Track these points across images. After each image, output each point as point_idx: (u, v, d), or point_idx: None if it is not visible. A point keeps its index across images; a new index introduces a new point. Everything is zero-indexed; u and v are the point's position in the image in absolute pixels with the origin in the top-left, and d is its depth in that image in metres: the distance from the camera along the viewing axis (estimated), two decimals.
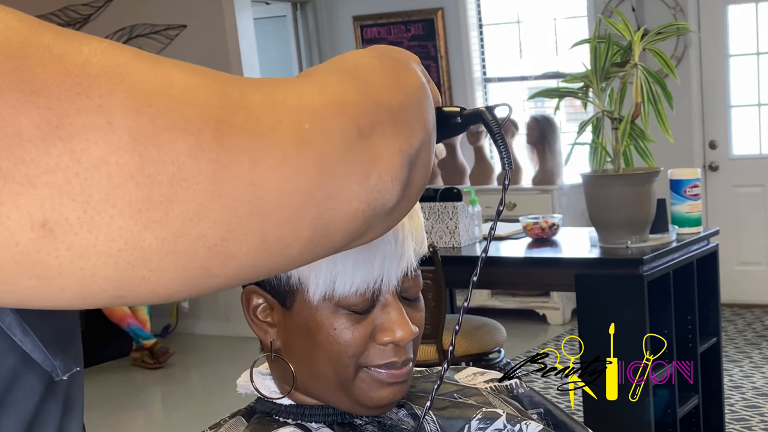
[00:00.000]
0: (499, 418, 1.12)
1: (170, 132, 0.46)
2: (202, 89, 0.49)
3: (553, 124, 5.61)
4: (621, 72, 3.03)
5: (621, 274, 3.08)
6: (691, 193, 3.37)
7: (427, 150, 0.61)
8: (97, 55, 0.45)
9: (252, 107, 0.50)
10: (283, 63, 7.06)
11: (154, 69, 0.47)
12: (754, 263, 5.87)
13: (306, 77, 0.58)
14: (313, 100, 0.53)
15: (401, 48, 0.74)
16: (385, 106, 0.58)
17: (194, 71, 0.50)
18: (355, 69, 0.61)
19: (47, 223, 0.43)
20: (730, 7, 5.67)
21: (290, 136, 0.50)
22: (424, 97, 0.63)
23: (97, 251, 0.45)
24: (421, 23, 6.43)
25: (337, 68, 0.61)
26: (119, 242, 0.45)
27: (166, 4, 5.80)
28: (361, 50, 0.68)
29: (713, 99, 5.80)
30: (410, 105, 0.61)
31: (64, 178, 0.43)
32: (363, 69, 0.61)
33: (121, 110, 0.45)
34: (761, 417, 4.10)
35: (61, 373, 0.56)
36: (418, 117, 0.61)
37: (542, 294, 5.87)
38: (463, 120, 0.80)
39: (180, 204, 0.46)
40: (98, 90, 0.44)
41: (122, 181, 0.44)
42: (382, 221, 0.58)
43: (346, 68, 0.61)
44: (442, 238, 3.72)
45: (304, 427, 1.06)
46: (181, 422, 4.69)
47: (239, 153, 0.48)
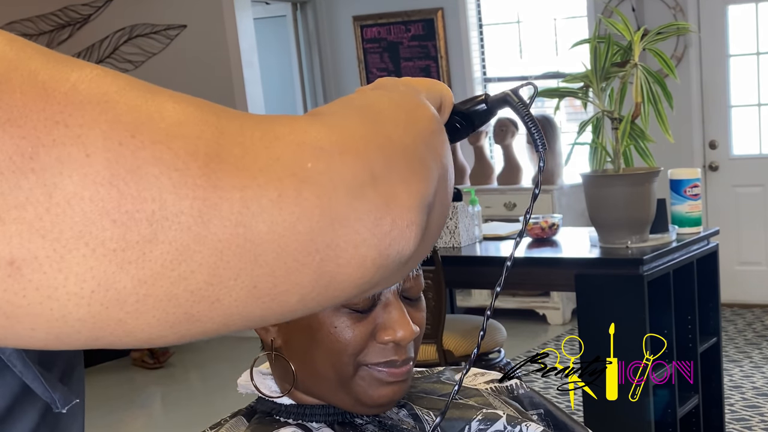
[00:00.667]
0: (499, 420, 1.12)
1: (153, 166, 0.42)
2: (195, 121, 0.45)
3: (553, 124, 5.61)
4: (621, 72, 3.03)
5: (621, 274, 3.08)
6: (691, 193, 3.37)
7: (444, 188, 0.56)
8: (85, 82, 0.43)
9: (249, 142, 0.46)
10: (283, 63, 7.06)
11: (145, 99, 0.44)
12: (754, 263, 5.87)
13: (313, 115, 0.53)
14: (320, 137, 0.48)
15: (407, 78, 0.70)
16: (399, 144, 0.53)
17: (191, 103, 0.46)
18: (365, 105, 0.57)
19: (15, 261, 0.41)
20: (730, 7, 5.67)
21: (289, 174, 0.46)
22: (438, 130, 0.59)
23: (67, 292, 0.42)
24: (421, 23, 6.43)
25: (345, 105, 0.56)
26: (91, 283, 0.42)
27: (166, 4, 5.80)
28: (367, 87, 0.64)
29: (713, 99, 5.80)
30: (425, 141, 0.56)
31: (35, 213, 0.40)
32: (373, 105, 0.57)
33: (102, 141, 0.42)
34: (761, 417, 4.10)
35: (60, 405, 0.54)
36: (434, 153, 0.56)
37: (542, 294, 5.86)
38: (489, 107, 0.78)
39: (159, 244, 0.43)
40: (80, 119, 0.42)
41: (96, 218, 0.41)
42: (398, 270, 0.52)
43: (355, 104, 0.57)
44: (442, 238, 3.72)
45: (305, 427, 1.06)
46: (181, 422, 4.69)
47: (229, 191, 0.44)
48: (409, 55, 6.51)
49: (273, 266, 0.46)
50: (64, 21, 6.03)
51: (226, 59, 5.64)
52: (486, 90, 6.54)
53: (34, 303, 0.42)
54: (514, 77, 6.45)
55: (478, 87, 6.47)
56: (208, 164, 0.44)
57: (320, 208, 0.47)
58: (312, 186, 0.47)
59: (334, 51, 6.81)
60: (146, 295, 0.43)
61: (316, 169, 0.47)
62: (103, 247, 0.42)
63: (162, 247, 0.43)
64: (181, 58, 5.72)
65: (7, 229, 0.40)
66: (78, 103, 0.42)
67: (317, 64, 6.87)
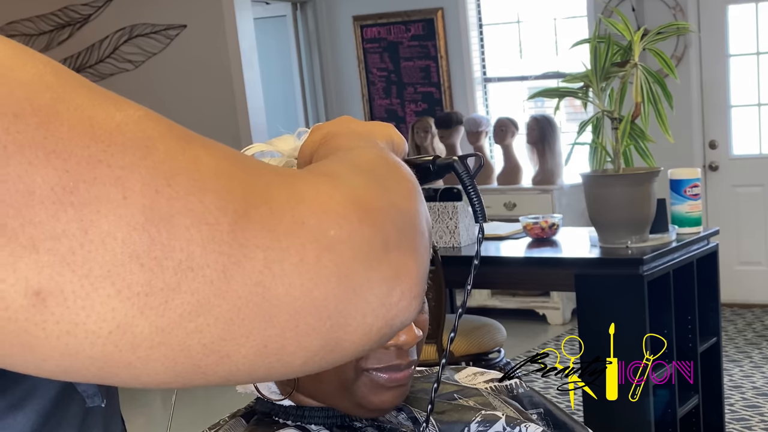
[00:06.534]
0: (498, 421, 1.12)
1: (185, 217, 0.43)
2: (226, 175, 0.45)
3: (553, 124, 5.61)
4: (621, 72, 3.03)
5: (621, 274, 3.08)
6: (691, 193, 3.37)
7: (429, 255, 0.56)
8: (130, 124, 0.43)
9: (275, 202, 0.46)
10: (283, 63, 7.06)
11: (182, 148, 0.45)
12: (754, 263, 5.87)
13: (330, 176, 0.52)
14: (344, 204, 0.49)
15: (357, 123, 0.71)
16: (407, 214, 0.54)
17: (223, 155, 0.47)
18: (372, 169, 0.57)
19: (41, 292, 0.41)
20: (730, 7, 5.67)
21: (312, 240, 0.47)
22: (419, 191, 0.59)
23: (86, 329, 0.42)
24: (421, 23, 6.43)
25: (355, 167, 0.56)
26: (111, 324, 0.42)
27: (166, 3, 5.79)
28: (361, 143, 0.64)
29: (713, 99, 5.80)
30: (419, 208, 0.56)
31: (69, 247, 0.41)
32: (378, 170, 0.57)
33: (140, 186, 0.42)
34: (761, 417, 4.10)
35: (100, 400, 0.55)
36: (427, 219, 0.57)
37: (542, 294, 5.86)
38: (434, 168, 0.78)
39: (182, 294, 0.43)
40: (122, 161, 0.42)
41: (126, 260, 0.42)
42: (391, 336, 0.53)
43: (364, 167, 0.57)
44: (442, 238, 3.72)
45: (304, 428, 1.06)
46: (181, 422, 4.69)
47: (253, 250, 0.45)
48: (409, 55, 6.51)
49: (285, 328, 0.46)
50: (64, 21, 6.03)
51: (226, 59, 5.64)
52: (486, 90, 6.54)
53: (51, 336, 0.42)
54: (514, 77, 6.45)
55: (478, 87, 6.47)
56: (237, 221, 0.44)
57: (338, 276, 0.47)
58: (332, 254, 0.47)
59: (334, 51, 6.81)
60: (161, 342, 0.44)
61: (337, 238, 0.47)
62: (129, 290, 0.42)
63: (184, 297, 0.43)
64: (181, 58, 5.72)
65: (40, 259, 0.41)
66: (121, 144, 0.43)
67: (317, 64, 6.87)
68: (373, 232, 0.49)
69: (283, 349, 0.47)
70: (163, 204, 0.43)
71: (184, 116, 5.66)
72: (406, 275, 0.51)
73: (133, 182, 0.42)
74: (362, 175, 0.54)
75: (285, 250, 0.46)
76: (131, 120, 0.44)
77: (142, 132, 0.44)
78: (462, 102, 6.42)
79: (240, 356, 0.46)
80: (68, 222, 0.41)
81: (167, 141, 0.44)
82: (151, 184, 0.43)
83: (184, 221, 0.43)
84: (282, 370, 0.49)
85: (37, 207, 0.40)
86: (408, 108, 6.59)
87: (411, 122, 6.33)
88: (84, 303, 0.42)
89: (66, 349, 0.42)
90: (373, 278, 0.49)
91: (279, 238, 0.46)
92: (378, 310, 0.49)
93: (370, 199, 0.51)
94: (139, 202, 0.42)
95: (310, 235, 0.47)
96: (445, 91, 6.44)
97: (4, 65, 0.42)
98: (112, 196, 0.42)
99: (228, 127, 5.62)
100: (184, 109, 5.67)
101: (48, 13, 6.04)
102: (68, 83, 0.43)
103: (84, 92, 0.43)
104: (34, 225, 0.40)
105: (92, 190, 0.41)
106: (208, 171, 0.45)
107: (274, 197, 0.47)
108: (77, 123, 0.42)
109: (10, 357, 0.43)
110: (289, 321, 0.46)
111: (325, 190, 0.49)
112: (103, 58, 5.95)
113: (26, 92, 0.42)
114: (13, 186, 0.40)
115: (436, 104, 6.49)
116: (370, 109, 6.71)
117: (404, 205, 0.54)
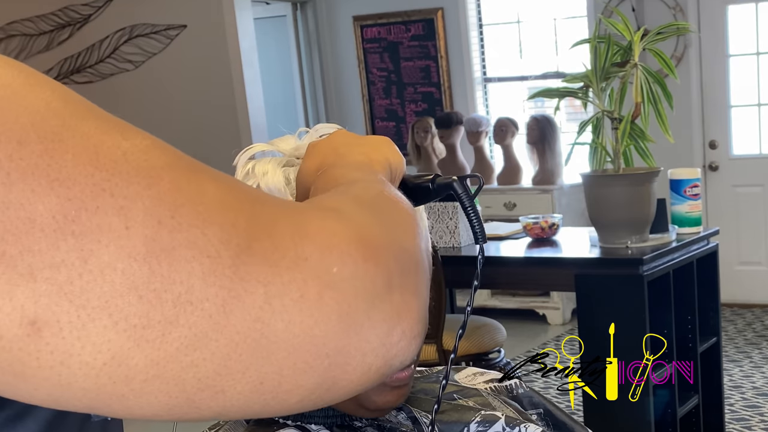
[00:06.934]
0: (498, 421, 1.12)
1: (187, 249, 0.42)
2: (231, 207, 0.45)
3: (553, 124, 5.61)
4: (621, 72, 3.03)
5: (621, 274, 3.08)
6: (691, 193, 3.37)
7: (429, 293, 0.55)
8: (136, 153, 0.43)
9: (279, 237, 0.46)
10: (283, 63, 7.06)
11: (188, 179, 0.44)
12: (754, 263, 5.87)
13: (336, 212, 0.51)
14: (348, 242, 0.48)
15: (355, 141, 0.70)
16: (409, 252, 0.53)
17: (229, 187, 0.46)
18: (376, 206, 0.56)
19: (37, 321, 0.40)
20: (730, 7, 5.67)
21: (314, 277, 0.46)
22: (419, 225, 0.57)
23: (80, 360, 0.42)
24: (421, 23, 6.43)
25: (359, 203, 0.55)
26: (106, 355, 0.42)
27: (167, 4, 5.79)
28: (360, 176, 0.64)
29: (713, 99, 5.80)
30: (420, 245, 0.55)
31: (67, 276, 0.40)
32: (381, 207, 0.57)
33: (142, 216, 0.42)
34: (761, 417, 4.10)
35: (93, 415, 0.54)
36: (429, 255, 0.56)
37: (542, 294, 5.86)
38: (433, 188, 0.76)
39: (179, 327, 0.42)
40: (125, 190, 0.42)
41: (125, 292, 0.41)
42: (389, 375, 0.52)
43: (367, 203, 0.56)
44: (442, 237, 3.72)
45: (304, 428, 1.06)
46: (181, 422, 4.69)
47: (254, 284, 0.44)
48: (409, 55, 6.51)
49: (282, 365, 0.46)
50: (64, 21, 6.03)
51: (226, 59, 5.64)
52: (486, 90, 6.54)
53: (45, 366, 0.41)
54: (514, 77, 6.45)
55: (478, 87, 6.47)
56: (239, 255, 0.44)
57: (339, 314, 0.46)
58: (334, 292, 0.46)
59: (334, 51, 6.81)
60: (155, 376, 0.43)
61: (340, 275, 0.47)
62: (126, 321, 0.41)
63: (181, 331, 0.43)
64: (181, 58, 5.72)
65: (38, 288, 0.40)
66: (125, 173, 0.42)
67: (317, 64, 6.87)
68: (377, 270, 0.48)
69: (279, 387, 0.46)
70: (165, 235, 0.42)
71: (184, 116, 5.66)
72: (407, 315, 0.50)
73: (136, 212, 0.42)
74: (366, 212, 0.53)
75: (286, 285, 0.45)
76: (138, 149, 0.43)
77: (148, 162, 0.43)
78: (462, 102, 6.42)
79: (235, 392, 0.45)
80: (68, 251, 0.40)
81: (173, 171, 0.44)
82: (154, 214, 0.42)
83: (186, 254, 0.42)
84: (277, 407, 0.48)
85: (37, 235, 0.40)
86: (408, 108, 6.59)
87: (411, 122, 6.33)
88: (80, 334, 0.41)
89: (59, 380, 0.42)
90: (375, 317, 0.48)
91: (281, 273, 0.45)
92: (378, 350, 0.49)
93: (374, 236, 0.50)
94: (141, 232, 0.42)
95: (312, 271, 0.46)
96: (445, 91, 6.44)
97: (12, 90, 0.42)
98: (114, 225, 0.41)
99: (228, 127, 5.62)
100: (184, 109, 5.67)
101: (48, 13, 6.04)
102: (76, 110, 0.43)
103: (92, 120, 0.43)
104: (33, 253, 0.40)
105: (94, 219, 0.41)
106: (213, 203, 0.44)
107: (278, 231, 0.46)
108: (82, 151, 0.42)
109: (1, 384, 0.42)
110: (287, 358, 0.46)
111: (330, 226, 0.48)
112: (103, 58, 5.95)
113: (32, 119, 0.41)
114: (14, 213, 0.40)
115: (436, 104, 6.49)
116: (370, 109, 6.71)
117: (407, 243, 0.53)
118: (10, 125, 0.41)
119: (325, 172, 0.69)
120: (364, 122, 6.69)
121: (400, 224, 0.55)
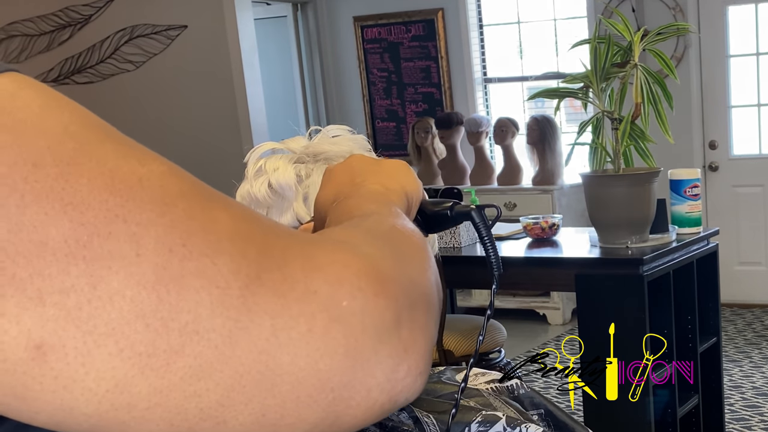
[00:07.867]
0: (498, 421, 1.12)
1: (196, 278, 0.42)
2: (242, 237, 0.45)
3: (554, 125, 5.61)
4: (621, 72, 3.03)
5: (621, 274, 3.08)
6: (691, 193, 3.37)
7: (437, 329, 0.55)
8: (152, 179, 0.43)
9: (289, 268, 0.45)
10: (284, 63, 7.06)
11: (202, 206, 0.44)
12: (754, 263, 5.87)
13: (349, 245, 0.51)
14: (359, 276, 0.47)
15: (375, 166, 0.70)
16: (420, 288, 0.52)
17: (242, 216, 0.46)
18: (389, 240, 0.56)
19: (43, 345, 0.40)
20: (730, 7, 5.67)
21: (323, 309, 0.45)
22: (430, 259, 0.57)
23: (83, 386, 0.41)
24: (421, 23, 6.44)
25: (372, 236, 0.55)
26: (109, 383, 0.42)
27: (167, 4, 5.80)
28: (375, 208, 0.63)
29: (713, 99, 5.80)
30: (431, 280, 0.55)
31: (76, 302, 0.40)
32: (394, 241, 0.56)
33: (154, 244, 0.42)
34: (761, 417, 4.11)
35: None
36: (439, 289, 0.56)
37: (542, 294, 5.87)
38: (451, 216, 0.76)
39: (185, 357, 0.42)
40: (138, 217, 0.42)
41: (132, 320, 0.41)
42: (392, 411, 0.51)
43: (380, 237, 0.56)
44: (442, 238, 3.72)
45: None
46: None
47: (262, 316, 0.44)
48: (410, 55, 6.51)
49: (285, 398, 0.45)
50: (64, 21, 6.03)
51: (227, 60, 5.64)
52: (486, 90, 6.54)
53: (47, 391, 0.41)
54: (514, 77, 6.45)
55: (478, 87, 6.47)
56: (248, 285, 0.44)
57: (345, 348, 0.46)
58: (342, 326, 0.46)
59: (334, 51, 6.81)
60: (157, 404, 0.43)
61: (349, 309, 0.46)
62: (131, 349, 0.41)
63: (186, 361, 0.42)
64: (182, 59, 5.72)
65: (45, 312, 0.40)
66: (140, 200, 0.42)
67: (318, 65, 6.87)
68: (387, 305, 0.48)
69: (281, 420, 0.46)
70: (175, 264, 0.42)
71: (184, 116, 5.66)
72: (414, 351, 0.49)
73: (148, 240, 0.42)
74: (378, 246, 0.53)
75: (294, 318, 0.45)
76: (154, 175, 0.43)
77: (163, 189, 0.43)
78: (462, 102, 6.43)
79: (237, 423, 0.45)
80: (78, 276, 0.40)
81: (188, 199, 0.44)
82: (165, 242, 0.42)
83: (195, 283, 0.42)
84: None
85: (48, 259, 0.40)
86: (408, 108, 6.59)
87: (411, 122, 6.34)
88: (84, 360, 0.41)
89: (61, 404, 0.42)
90: (382, 353, 0.48)
91: (289, 306, 0.45)
92: (383, 385, 0.48)
93: (385, 270, 0.49)
94: (151, 260, 0.42)
95: (321, 304, 0.46)
96: (445, 92, 6.44)
97: (31, 112, 0.42)
98: (125, 252, 0.41)
99: (228, 127, 5.62)
100: (184, 110, 5.68)
101: (49, 14, 6.04)
102: (94, 134, 0.43)
103: (109, 144, 0.43)
104: (44, 277, 0.40)
105: (106, 245, 0.41)
106: (225, 232, 0.44)
107: (289, 263, 0.46)
108: (98, 176, 0.41)
109: (3, 405, 0.42)
110: (290, 391, 0.45)
111: (341, 259, 0.48)
112: (104, 58, 5.96)
113: (49, 142, 0.41)
114: (26, 235, 0.40)
115: (436, 104, 6.49)
116: (370, 109, 6.72)
117: (419, 278, 0.53)
118: (26, 147, 0.41)
119: (340, 203, 0.69)
120: (365, 122, 6.70)
121: (411, 258, 0.55)
